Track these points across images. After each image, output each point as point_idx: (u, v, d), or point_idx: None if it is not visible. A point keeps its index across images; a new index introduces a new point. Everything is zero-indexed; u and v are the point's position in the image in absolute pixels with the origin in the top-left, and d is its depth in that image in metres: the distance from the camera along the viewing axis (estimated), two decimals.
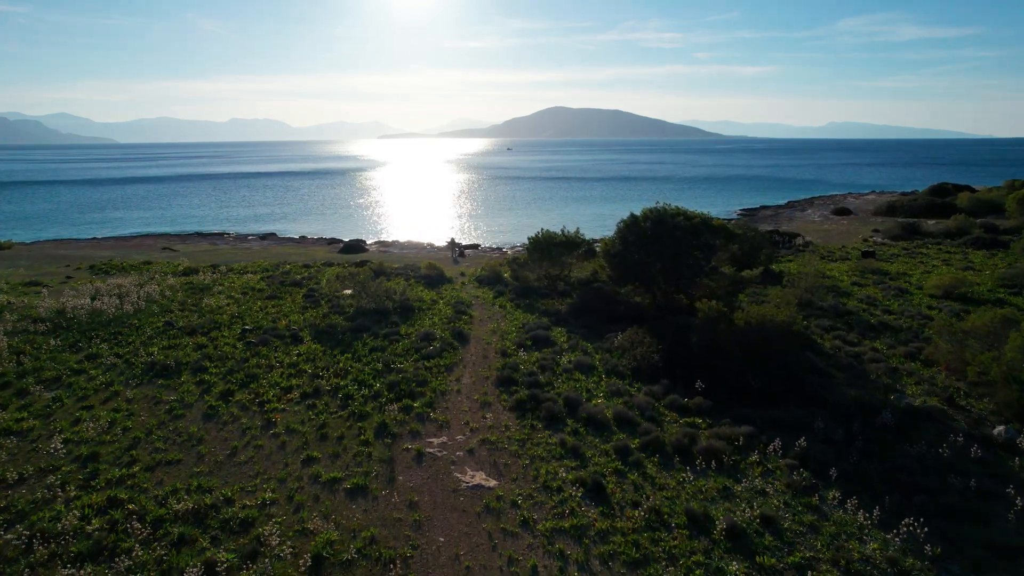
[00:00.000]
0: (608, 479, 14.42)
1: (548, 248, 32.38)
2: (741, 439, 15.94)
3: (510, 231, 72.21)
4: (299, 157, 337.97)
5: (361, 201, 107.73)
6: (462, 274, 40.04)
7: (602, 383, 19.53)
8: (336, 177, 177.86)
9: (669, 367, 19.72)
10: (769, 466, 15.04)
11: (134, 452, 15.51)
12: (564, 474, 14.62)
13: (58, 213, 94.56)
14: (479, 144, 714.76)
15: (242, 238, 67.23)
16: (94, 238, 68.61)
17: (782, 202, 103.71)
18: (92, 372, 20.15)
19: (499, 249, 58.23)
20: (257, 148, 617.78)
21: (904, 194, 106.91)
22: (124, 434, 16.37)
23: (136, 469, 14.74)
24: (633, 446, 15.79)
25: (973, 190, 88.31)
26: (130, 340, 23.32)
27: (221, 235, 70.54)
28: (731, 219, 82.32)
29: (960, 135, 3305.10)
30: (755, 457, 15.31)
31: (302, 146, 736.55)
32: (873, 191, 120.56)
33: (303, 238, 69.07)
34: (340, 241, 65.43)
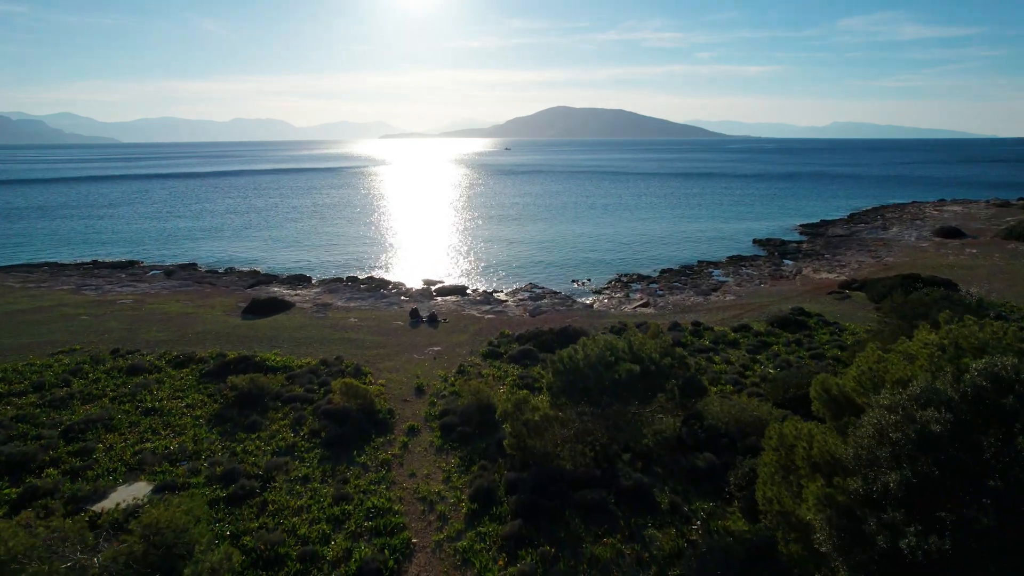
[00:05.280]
0: None
1: (599, 389, 13.59)
2: None
3: (510, 258, 53.38)
4: (291, 158, 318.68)
5: (333, 213, 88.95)
6: (418, 390, 21.11)
7: None
8: (322, 178, 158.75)
9: None
10: None
11: None
12: None
13: None
14: (480, 144, 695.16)
15: (140, 274, 48.56)
16: None
17: (842, 214, 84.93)
18: None
19: (491, 297, 39.18)
20: (254, 148, 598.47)
21: (999, 204, 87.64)
22: None
23: None
24: None
25: None
26: None
27: (122, 266, 52.12)
28: (802, 242, 63.69)
29: (964, 135, 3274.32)
30: None
31: (301, 146, 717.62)
32: (943, 199, 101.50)
33: (229, 271, 50.52)
34: (273, 280, 46.84)
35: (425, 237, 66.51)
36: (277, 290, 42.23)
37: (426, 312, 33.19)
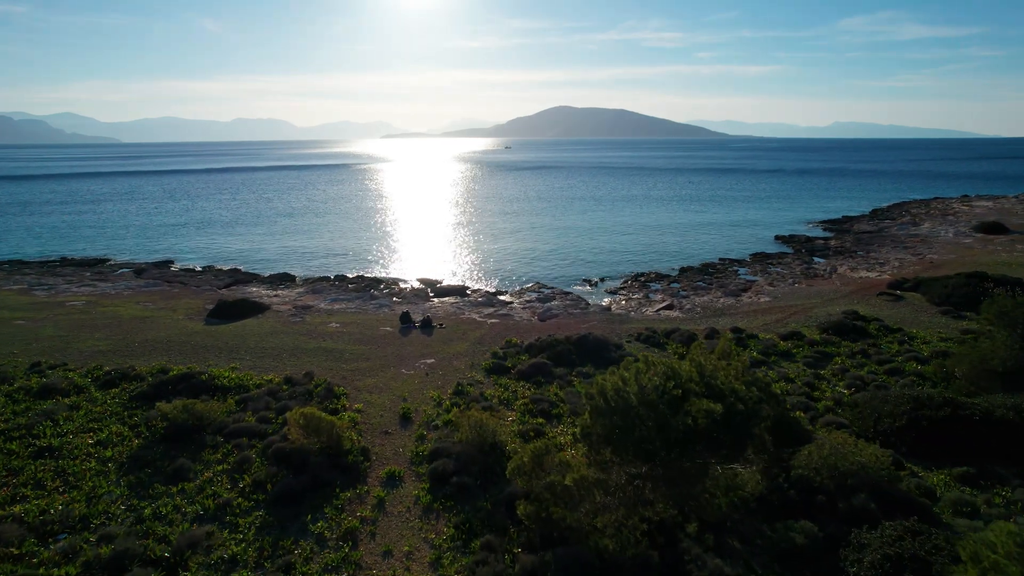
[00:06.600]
0: None
1: (663, 440, 8.95)
2: None
3: (514, 256, 48.81)
4: (291, 157, 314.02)
5: (327, 208, 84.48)
6: (404, 417, 16.60)
7: None
8: (320, 175, 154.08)
9: None
10: None
11: None
12: None
13: None
14: (481, 144, 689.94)
15: (106, 273, 44.17)
16: None
17: (863, 210, 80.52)
18: None
19: (495, 299, 34.61)
20: (255, 147, 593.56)
21: None
22: None
23: None
24: None
25: None
26: None
27: (89, 263, 47.75)
28: (829, 239, 58.92)
29: (965, 134, 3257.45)
30: None
31: (303, 145, 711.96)
32: (966, 194, 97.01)
33: (207, 270, 46.09)
34: (253, 279, 42.43)
35: (423, 233, 62.01)
36: (255, 290, 37.80)
37: (419, 316, 28.66)
